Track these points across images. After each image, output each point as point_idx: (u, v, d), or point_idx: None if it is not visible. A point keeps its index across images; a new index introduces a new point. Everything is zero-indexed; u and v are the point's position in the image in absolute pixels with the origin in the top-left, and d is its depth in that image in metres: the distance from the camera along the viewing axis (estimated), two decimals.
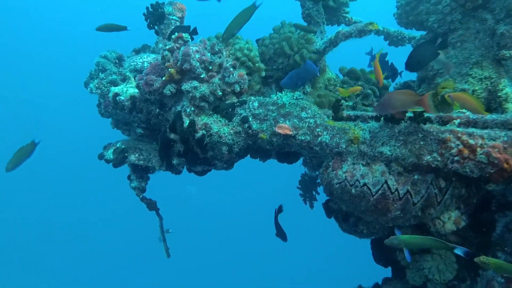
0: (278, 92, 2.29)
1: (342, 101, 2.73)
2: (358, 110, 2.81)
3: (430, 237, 1.77)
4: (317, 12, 3.14)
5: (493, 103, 2.43)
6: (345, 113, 2.43)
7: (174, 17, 3.09)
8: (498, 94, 2.39)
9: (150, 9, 3.04)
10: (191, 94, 2.20)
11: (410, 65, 1.76)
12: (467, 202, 1.85)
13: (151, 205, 2.95)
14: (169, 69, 2.23)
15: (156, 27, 3.05)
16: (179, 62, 2.23)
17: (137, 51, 3.14)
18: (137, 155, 2.66)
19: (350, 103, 2.82)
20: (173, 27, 3.01)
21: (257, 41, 3.17)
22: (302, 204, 3.81)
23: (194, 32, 2.88)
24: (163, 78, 2.26)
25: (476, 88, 2.54)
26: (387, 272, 2.90)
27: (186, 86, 2.21)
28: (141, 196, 2.90)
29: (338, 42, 2.52)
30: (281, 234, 2.98)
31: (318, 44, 2.73)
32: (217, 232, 17.11)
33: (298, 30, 2.84)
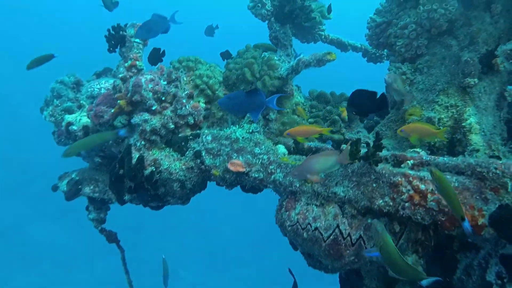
0: (232, 125, 2.20)
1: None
2: (324, 135, 2.73)
3: (410, 265, 1.54)
4: (284, 34, 3.06)
5: (458, 132, 2.35)
6: (306, 144, 2.34)
7: (136, 40, 2.99)
8: (463, 124, 2.32)
9: (111, 31, 2.94)
10: (141, 128, 2.09)
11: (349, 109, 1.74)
12: (425, 246, 1.76)
13: (111, 237, 2.82)
14: (118, 101, 2.13)
15: (117, 49, 2.95)
16: (129, 93, 2.13)
17: (98, 75, 3.03)
18: (92, 187, 2.54)
19: None
20: (135, 50, 2.91)
21: (221, 55, 3.07)
22: None
23: (162, 54, 2.78)
24: (112, 111, 2.15)
25: (442, 116, 2.47)
26: None
27: (136, 119, 2.10)
28: (99, 228, 2.77)
29: (299, 70, 2.44)
30: None
31: (282, 69, 2.65)
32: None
33: (263, 54, 2.75)
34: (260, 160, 1.97)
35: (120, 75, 2.25)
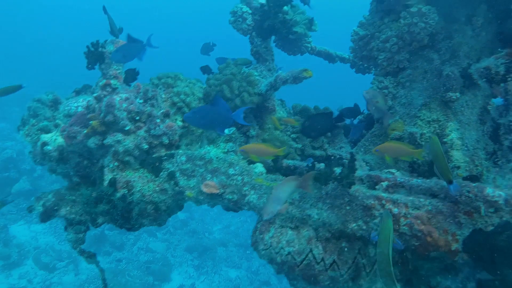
0: (206, 146, 2.15)
1: (289, 144, 2.60)
2: (306, 152, 2.69)
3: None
4: (265, 49, 3.04)
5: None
6: (284, 162, 2.29)
7: None
8: (444, 139, 2.28)
9: (90, 48, 2.91)
10: (114, 149, 2.04)
11: (305, 132, 1.74)
12: (403, 269, 1.70)
13: (90, 258, 2.74)
14: (91, 122, 2.08)
15: (96, 66, 2.91)
16: (102, 114, 2.08)
17: (78, 92, 2.98)
18: (68, 209, 2.47)
19: (299, 146, 2.69)
20: (115, 66, 2.87)
21: (201, 69, 3.05)
22: None
23: (136, 74, 2.74)
24: (85, 132, 2.11)
25: (425, 131, 2.43)
26: None
27: (108, 140, 2.05)
28: (78, 248, 2.70)
29: (277, 86, 2.41)
30: None
31: (262, 85, 2.61)
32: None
33: (243, 70, 2.72)
34: (235, 182, 1.92)
35: (94, 94, 2.21)
